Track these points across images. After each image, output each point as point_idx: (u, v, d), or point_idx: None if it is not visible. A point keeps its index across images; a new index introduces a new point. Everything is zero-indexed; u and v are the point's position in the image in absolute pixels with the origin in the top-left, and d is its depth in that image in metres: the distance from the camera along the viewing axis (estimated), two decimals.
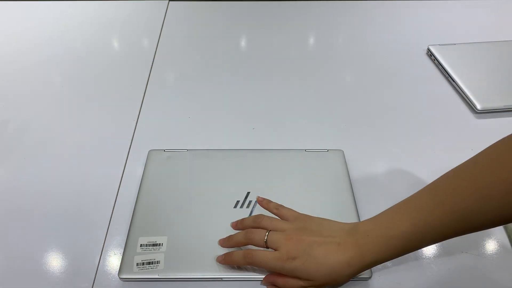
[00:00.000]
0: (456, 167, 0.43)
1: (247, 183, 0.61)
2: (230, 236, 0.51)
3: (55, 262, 0.53)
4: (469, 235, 0.56)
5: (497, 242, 0.56)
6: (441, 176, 0.44)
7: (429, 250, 0.55)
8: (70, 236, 0.56)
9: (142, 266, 0.51)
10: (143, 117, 0.74)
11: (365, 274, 0.51)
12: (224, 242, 0.51)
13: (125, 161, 0.66)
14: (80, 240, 0.56)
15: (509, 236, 0.56)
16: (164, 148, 0.66)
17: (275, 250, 0.46)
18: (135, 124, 0.73)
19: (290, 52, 0.90)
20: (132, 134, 0.71)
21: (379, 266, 0.52)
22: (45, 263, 0.53)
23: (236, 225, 0.53)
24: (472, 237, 0.56)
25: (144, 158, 0.65)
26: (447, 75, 0.82)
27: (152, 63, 0.85)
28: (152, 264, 0.51)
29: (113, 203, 0.60)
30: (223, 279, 0.51)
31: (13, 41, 0.93)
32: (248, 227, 0.50)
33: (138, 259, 0.52)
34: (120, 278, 0.51)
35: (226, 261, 0.49)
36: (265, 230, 0.48)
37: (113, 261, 0.54)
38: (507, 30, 0.96)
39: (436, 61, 0.85)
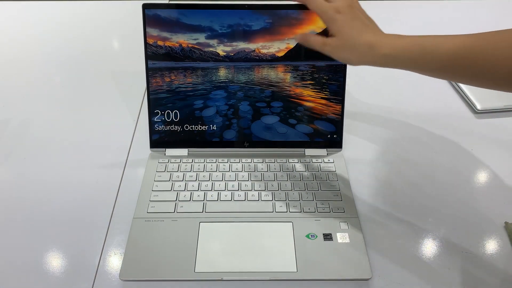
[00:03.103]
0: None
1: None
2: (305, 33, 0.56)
3: (55, 262, 0.53)
4: (468, 235, 0.56)
5: (497, 242, 0.56)
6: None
7: (429, 250, 0.55)
8: (70, 236, 0.56)
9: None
10: (143, 117, 0.74)
11: (365, 274, 0.51)
12: (302, 38, 0.54)
13: (125, 161, 0.66)
14: (80, 240, 0.56)
15: (509, 236, 0.56)
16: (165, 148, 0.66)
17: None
18: (135, 124, 0.73)
19: None
20: (132, 134, 0.71)
21: (379, 266, 0.53)
22: (45, 263, 0.53)
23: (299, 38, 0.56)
24: (472, 237, 0.56)
25: (144, 158, 0.65)
26: None
27: None
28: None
29: (113, 203, 0.60)
30: (223, 279, 0.51)
31: (13, 41, 0.93)
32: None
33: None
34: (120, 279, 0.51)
35: (304, 38, 0.53)
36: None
37: (113, 261, 0.54)
38: None
39: None
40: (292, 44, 0.62)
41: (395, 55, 0.47)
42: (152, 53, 0.62)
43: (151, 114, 0.64)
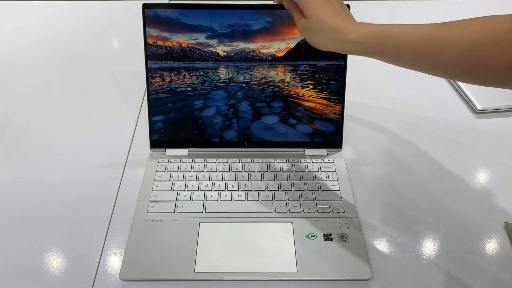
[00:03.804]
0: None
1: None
2: None
3: (55, 262, 0.53)
4: (468, 235, 0.56)
5: (497, 242, 0.56)
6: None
7: (429, 250, 0.55)
8: (70, 236, 0.56)
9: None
10: (143, 117, 0.73)
11: (365, 274, 0.51)
12: None
13: (125, 161, 0.66)
14: (80, 240, 0.56)
15: (509, 236, 0.56)
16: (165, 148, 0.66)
17: None
18: (135, 124, 0.73)
19: None
20: (132, 134, 0.71)
21: (379, 266, 0.53)
22: (45, 263, 0.53)
23: None
24: (472, 237, 0.56)
25: (144, 158, 0.65)
26: None
27: None
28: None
29: (113, 203, 0.60)
30: (223, 279, 0.51)
31: (13, 41, 0.93)
32: None
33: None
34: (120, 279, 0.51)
35: None
36: None
37: (113, 261, 0.54)
38: None
39: None
40: (292, 44, 0.62)
41: (360, 41, 0.47)
42: (152, 53, 0.62)
43: (151, 114, 0.64)
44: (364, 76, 0.82)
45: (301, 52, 0.62)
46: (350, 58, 0.63)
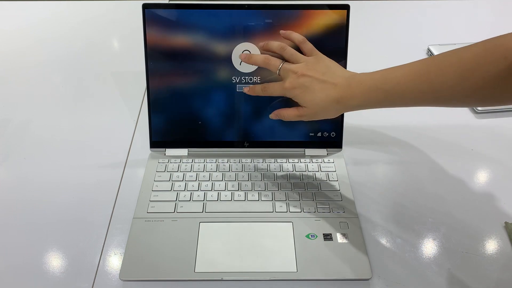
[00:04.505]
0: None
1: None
2: (251, 55, 0.59)
3: (55, 262, 0.53)
4: (468, 235, 0.56)
5: (497, 242, 0.56)
6: (431, 57, 0.50)
7: (429, 250, 0.55)
8: (70, 236, 0.56)
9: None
10: (143, 117, 0.73)
11: (365, 274, 0.51)
12: (245, 58, 0.58)
13: (125, 161, 0.66)
14: (80, 240, 0.56)
15: (509, 236, 0.56)
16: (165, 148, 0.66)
17: (284, 79, 0.54)
18: (135, 124, 0.73)
19: None
20: (132, 134, 0.71)
21: (379, 266, 0.53)
22: (45, 263, 0.53)
23: (263, 46, 0.59)
24: (472, 237, 0.56)
25: (144, 158, 0.65)
26: None
27: None
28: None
29: (113, 203, 0.60)
30: (223, 279, 0.51)
31: (13, 41, 0.93)
32: (272, 50, 0.57)
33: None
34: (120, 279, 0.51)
35: (248, 59, 0.58)
36: (282, 61, 0.55)
37: (113, 261, 0.54)
38: (507, 30, 0.96)
39: None
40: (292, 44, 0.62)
41: (363, 104, 0.51)
42: (152, 53, 0.62)
43: (151, 114, 0.64)
44: None
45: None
46: (350, 59, 0.63)
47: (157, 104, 0.64)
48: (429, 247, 0.55)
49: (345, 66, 0.63)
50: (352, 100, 0.50)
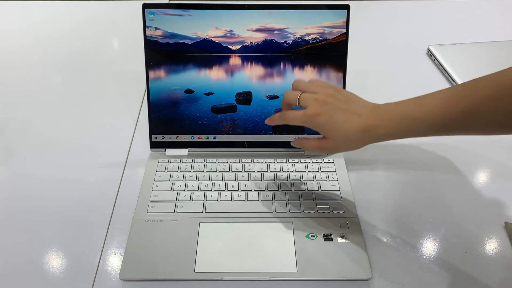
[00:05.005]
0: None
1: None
2: (270, 118, 0.54)
3: (55, 262, 0.53)
4: (468, 235, 0.56)
5: (497, 242, 0.56)
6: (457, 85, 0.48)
7: (429, 250, 0.55)
8: (70, 236, 0.56)
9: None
10: (143, 117, 0.73)
11: (365, 274, 0.51)
12: (268, 122, 0.54)
13: (125, 161, 0.66)
14: (80, 240, 0.56)
15: (509, 236, 0.56)
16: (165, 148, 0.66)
17: (305, 108, 0.50)
18: (135, 124, 0.73)
19: None
20: (132, 134, 0.71)
21: (379, 266, 0.53)
22: (45, 263, 0.53)
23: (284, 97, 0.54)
24: (472, 237, 0.56)
25: (144, 158, 0.65)
26: (447, 75, 0.82)
27: None
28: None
29: (113, 203, 0.60)
30: (223, 279, 0.51)
31: (13, 41, 0.93)
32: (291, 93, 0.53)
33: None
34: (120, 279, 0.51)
35: (270, 122, 0.54)
36: (299, 91, 0.51)
37: (113, 261, 0.54)
38: (507, 30, 0.96)
39: (436, 61, 0.85)
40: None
41: (390, 133, 0.47)
42: (152, 53, 0.62)
43: (151, 114, 0.64)
44: (364, 78, 0.82)
45: (301, 53, 0.62)
46: (350, 59, 0.63)
47: (157, 104, 0.64)
48: (429, 247, 0.55)
49: (345, 66, 0.63)
50: (379, 129, 0.47)
